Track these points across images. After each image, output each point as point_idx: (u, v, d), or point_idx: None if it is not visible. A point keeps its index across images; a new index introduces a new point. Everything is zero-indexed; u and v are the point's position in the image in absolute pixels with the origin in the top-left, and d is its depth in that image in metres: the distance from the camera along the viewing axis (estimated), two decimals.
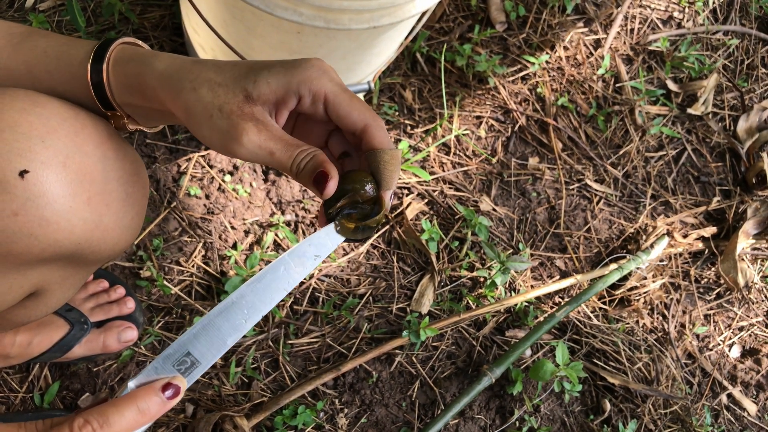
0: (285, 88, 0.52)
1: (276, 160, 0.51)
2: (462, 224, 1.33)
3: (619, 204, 1.46)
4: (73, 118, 0.52)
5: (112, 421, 0.45)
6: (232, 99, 0.51)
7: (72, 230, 0.52)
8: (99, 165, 0.53)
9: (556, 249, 1.39)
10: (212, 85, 0.51)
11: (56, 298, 0.62)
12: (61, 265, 0.56)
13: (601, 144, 1.50)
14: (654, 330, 1.38)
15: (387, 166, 0.54)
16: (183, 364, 0.50)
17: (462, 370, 1.25)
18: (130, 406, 0.46)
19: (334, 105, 0.53)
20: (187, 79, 0.52)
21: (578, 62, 1.55)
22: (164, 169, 1.24)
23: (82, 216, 0.52)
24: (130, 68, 0.55)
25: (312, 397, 1.16)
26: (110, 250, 0.57)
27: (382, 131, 0.54)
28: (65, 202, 0.50)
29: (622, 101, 1.53)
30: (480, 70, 1.43)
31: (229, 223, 1.23)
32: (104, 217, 0.54)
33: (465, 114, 1.44)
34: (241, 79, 0.52)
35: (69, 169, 0.51)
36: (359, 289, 1.25)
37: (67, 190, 0.50)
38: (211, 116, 0.51)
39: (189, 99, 0.51)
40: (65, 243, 0.52)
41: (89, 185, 0.52)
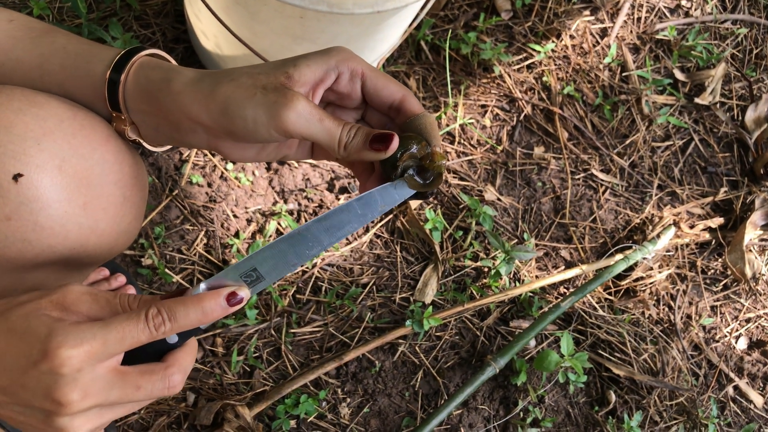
0: (324, 67, 0.53)
1: (326, 127, 0.51)
2: (466, 214, 1.32)
3: (625, 194, 1.45)
4: (71, 119, 0.50)
5: (178, 316, 0.47)
6: (275, 79, 0.52)
7: (67, 236, 0.50)
8: (96, 168, 0.52)
9: (561, 239, 1.38)
10: (252, 74, 0.52)
11: None
12: (56, 268, 0.55)
13: (607, 133, 1.48)
14: (660, 321, 1.36)
15: (431, 128, 0.57)
16: (249, 276, 0.52)
17: (465, 360, 1.24)
18: (195, 306, 0.47)
19: (372, 80, 0.55)
20: (222, 75, 0.53)
21: (584, 51, 1.53)
22: (166, 157, 1.23)
23: (78, 221, 0.51)
24: (155, 74, 0.55)
25: (314, 387, 1.15)
26: (107, 254, 0.56)
27: (417, 100, 0.57)
28: (60, 207, 0.49)
29: (629, 90, 1.51)
30: (485, 58, 1.41)
31: (231, 212, 1.22)
32: (100, 222, 0.53)
33: (470, 103, 1.43)
34: (280, 66, 0.53)
35: (65, 173, 0.49)
36: (362, 279, 1.24)
37: (63, 194, 0.49)
38: (255, 95, 0.51)
39: (227, 88, 0.51)
40: (60, 248, 0.51)
41: (86, 189, 0.51)
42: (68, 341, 0.44)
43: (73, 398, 0.44)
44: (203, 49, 1.24)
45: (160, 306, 0.47)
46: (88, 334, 0.44)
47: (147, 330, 0.46)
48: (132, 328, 0.46)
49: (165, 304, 0.47)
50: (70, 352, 0.43)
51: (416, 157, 0.56)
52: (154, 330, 0.46)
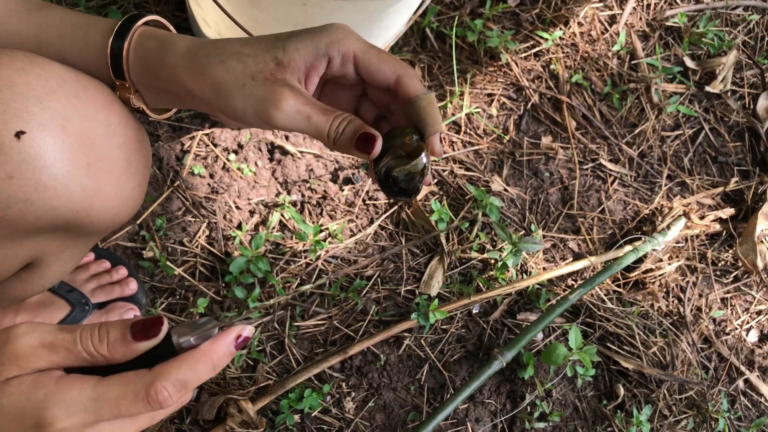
0: (314, 52, 0.52)
1: (313, 124, 0.50)
2: (472, 205, 1.29)
3: (634, 184, 1.42)
4: (73, 80, 0.49)
5: (189, 384, 0.44)
6: (263, 67, 0.50)
7: (70, 197, 0.49)
8: (100, 129, 0.50)
9: (569, 230, 1.36)
10: (241, 56, 0.51)
11: (54, 270, 0.59)
12: (58, 234, 0.53)
13: (616, 123, 1.45)
14: (669, 314, 1.34)
15: (428, 111, 0.54)
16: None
17: (472, 353, 1.22)
18: (206, 364, 0.44)
19: (364, 61, 0.53)
20: (213, 54, 0.51)
21: (593, 38, 1.51)
22: (167, 148, 1.21)
23: (81, 182, 0.49)
24: (150, 44, 0.54)
25: (318, 381, 1.13)
26: (110, 221, 0.54)
27: (415, 79, 0.53)
28: (63, 167, 0.48)
29: (638, 79, 1.48)
30: (492, 45, 1.39)
31: (233, 203, 1.20)
32: (104, 185, 0.51)
33: (476, 91, 1.40)
34: (269, 48, 0.51)
35: (68, 132, 0.48)
36: (367, 271, 1.22)
37: (66, 153, 0.48)
38: (244, 85, 0.50)
39: (217, 72, 0.51)
40: (62, 210, 0.49)
41: (89, 150, 0.49)
42: (60, 415, 0.42)
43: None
44: (204, 36, 1.22)
45: (165, 382, 0.43)
46: (78, 405, 0.42)
47: (149, 408, 0.43)
48: (130, 406, 0.43)
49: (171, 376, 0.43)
50: (64, 425, 0.42)
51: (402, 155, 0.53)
52: (158, 407, 0.43)
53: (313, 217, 1.23)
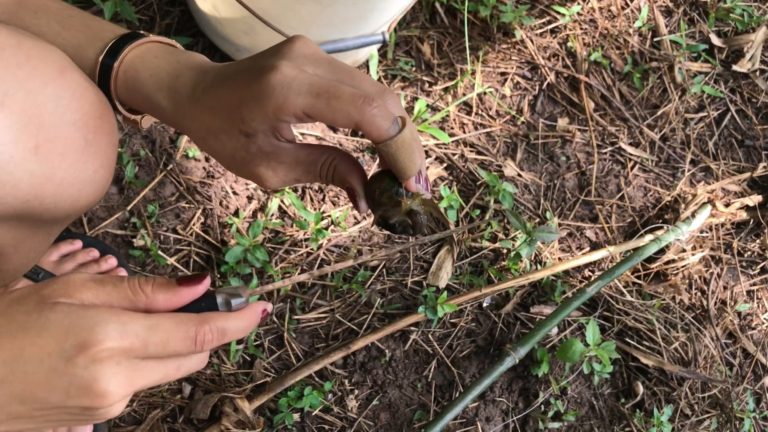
0: (268, 120, 0.48)
1: (305, 180, 0.52)
2: (484, 191, 1.22)
3: (656, 169, 1.34)
4: (14, 47, 0.42)
5: (228, 334, 0.45)
6: (237, 144, 0.49)
7: (16, 185, 0.42)
8: (49, 106, 0.43)
9: (586, 218, 1.28)
10: (216, 134, 0.50)
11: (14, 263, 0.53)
12: (12, 225, 0.47)
13: (636, 104, 1.37)
14: (692, 307, 1.27)
15: (396, 158, 0.49)
16: None
17: (482, 349, 1.16)
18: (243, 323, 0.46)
19: (316, 117, 0.47)
20: (194, 129, 0.51)
21: (612, 14, 1.42)
22: (160, 129, 1.14)
23: (29, 168, 0.42)
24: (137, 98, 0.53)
25: (319, 378, 1.07)
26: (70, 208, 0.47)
27: (375, 123, 0.46)
28: (6, 152, 0.41)
29: (661, 57, 1.40)
30: (506, 21, 1.30)
31: (230, 188, 1.13)
32: (58, 169, 0.44)
33: (488, 70, 1.32)
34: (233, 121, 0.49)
35: (9, 109, 0.41)
36: (371, 261, 1.15)
37: (7, 135, 0.41)
38: (230, 165, 0.51)
39: (205, 148, 0.52)
40: (9, 200, 0.43)
41: (36, 130, 0.42)
42: (112, 334, 0.40)
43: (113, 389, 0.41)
44: (200, 12, 1.14)
45: (212, 325, 0.44)
46: (131, 329, 0.41)
47: (193, 347, 0.43)
48: (178, 342, 0.43)
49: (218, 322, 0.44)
50: (112, 345, 0.40)
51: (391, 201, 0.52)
52: (200, 347, 0.43)
53: (315, 204, 1.16)
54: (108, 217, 1.07)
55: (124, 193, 1.09)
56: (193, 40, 1.18)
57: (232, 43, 1.15)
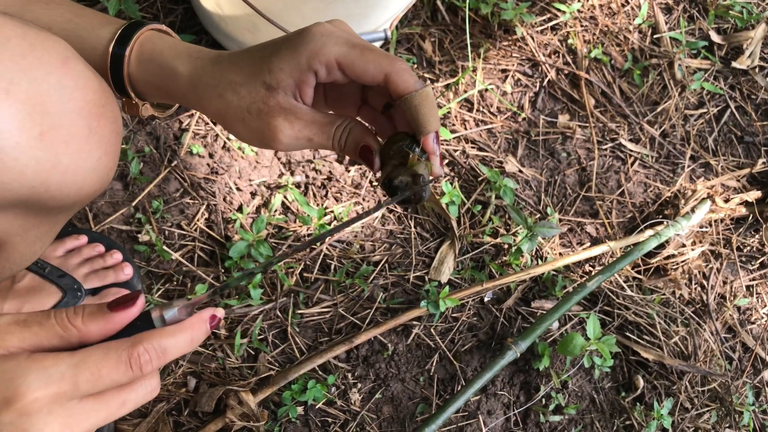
0: (298, 69, 0.52)
1: (316, 144, 0.52)
2: (485, 187, 1.23)
3: (656, 165, 1.35)
4: (19, 38, 0.42)
5: (169, 353, 0.42)
6: (255, 96, 0.52)
7: (22, 171, 0.43)
8: (53, 94, 0.44)
9: (586, 214, 1.29)
10: (235, 87, 0.53)
11: (20, 252, 0.54)
12: (17, 213, 0.48)
13: (636, 100, 1.38)
14: (692, 302, 1.28)
15: (419, 110, 0.52)
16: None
17: (484, 343, 1.17)
18: (185, 337, 0.43)
19: (348, 66, 0.52)
20: (211, 85, 0.54)
21: (613, 11, 1.43)
22: (164, 126, 1.15)
23: (34, 154, 0.43)
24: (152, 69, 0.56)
25: (323, 371, 1.08)
26: (75, 196, 0.48)
27: (403, 75, 0.52)
28: (10, 137, 0.41)
29: (661, 54, 1.41)
30: (507, 18, 1.31)
31: (234, 184, 1.14)
32: (62, 156, 0.45)
33: (489, 67, 1.33)
34: (258, 73, 0.53)
35: (14, 97, 0.41)
36: (374, 256, 1.16)
37: (12, 123, 0.41)
38: (243, 119, 0.52)
39: (218, 106, 0.53)
40: (15, 186, 0.43)
41: (41, 118, 0.43)
42: (33, 385, 0.38)
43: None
44: (203, 9, 1.15)
45: (147, 345, 0.42)
46: (55, 372, 0.39)
47: (131, 372, 0.41)
48: (111, 371, 0.40)
49: (153, 341, 0.42)
50: (37, 395, 0.38)
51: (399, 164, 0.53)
52: (139, 371, 0.41)
53: (318, 200, 1.17)
54: (113, 213, 1.08)
55: (128, 189, 1.10)
56: (197, 38, 1.19)
57: (236, 40, 1.16)
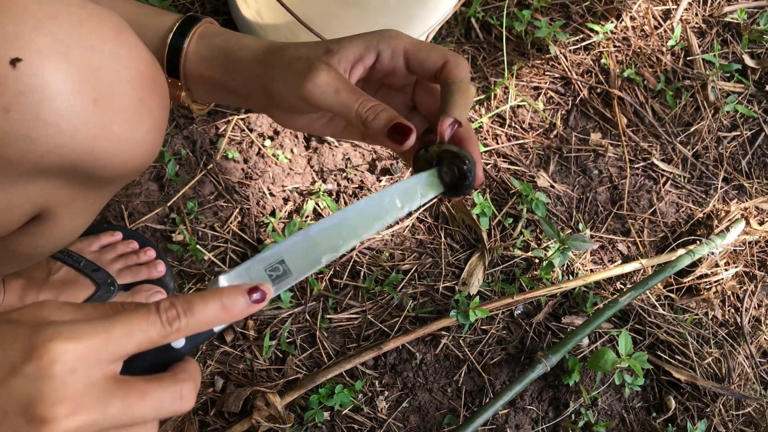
0: (365, 44, 0.54)
1: (341, 99, 0.51)
2: (517, 200, 1.23)
3: (688, 186, 1.34)
4: (78, 6, 0.43)
5: (195, 310, 0.40)
6: (313, 51, 0.54)
7: (74, 135, 0.43)
8: (107, 62, 0.44)
9: (618, 231, 1.28)
10: (298, 47, 0.55)
11: (64, 224, 0.54)
12: (65, 181, 0.48)
13: (669, 121, 1.38)
14: (725, 323, 1.25)
15: (455, 96, 0.53)
16: (275, 270, 0.47)
17: (513, 357, 1.15)
18: (215, 300, 0.41)
19: (414, 53, 0.54)
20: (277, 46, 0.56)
21: (646, 33, 1.44)
22: (201, 131, 1.17)
23: (87, 119, 0.43)
24: (217, 41, 0.58)
25: (350, 377, 1.07)
26: (121, 167, 0.48)
27: (461, 65, 0.53)
28: (66, 100, 0.42)
29: (694, 76, 1.41)
30: (540, 36, 1.32)
31: (267, 190, 1.16)
32: (113, 124, 0.45)
33: (522, 84, 1.34)
34: (326, 42, 0.55)
35: (70, 62, 0.42)
36: (404, 265, 1.16)
37: (68, 86, 0.42)
38: (291, 63, 0.53)
39: (273, 59, 0.55)
40: (66, 150, 0.44)
41: (95, 83, 0.43)
42: (62, 333, 0.36)
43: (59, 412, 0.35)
44: (243, 19, 1.18)
45: (173, 299, 0.40)
46: (86, 327, 0.37)
47: (159, 324, 0.39)
48: (141, 320, 0.38)
49: (179, 297, 0.41)
50: (65, 346, 0.35)
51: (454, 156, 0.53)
52: (168, 324, 0.39)
53: None
54: (148, 212, 1.10)
55: (164, 190, 1.12)
56: None
57: None
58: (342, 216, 0.49)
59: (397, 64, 0.55)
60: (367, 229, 0.50)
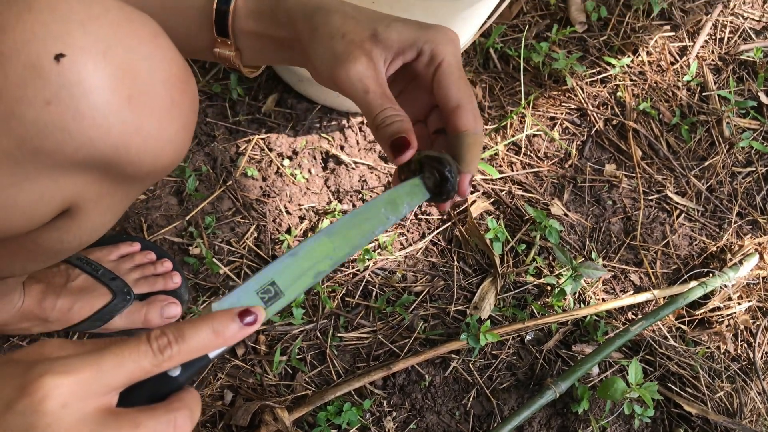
0: (411, 39, 0.53)
1: (367, 100, 0.52)
2: (530, 227, 1.24)
3: (701, 219, 1.35)
4: (117, 9, 0.46)
5: (187, 336, 0.42)
6: (358, 31, 0.53)
7: (109, 129, 0.46)
8: (143, 63, 0.47)
9: (630, 262, 1.28)
10: (346, 16, 0.54)
11: (92, 220, 0.56)
12: (96, 176, 0.50)
13: (684, 155, 1.39)
14: (738, 358, 1.24)
15: (470, 149, 0.54)
16: (267, 292, 0.48)
17: (522, 382, 1.15)
18: (206, 325, 0.43)
19: (443, 74, 0.54)
20: (325, 4, 0.55)
21: (662, 68, 1.46)
22: (222, 149, 1.20)
23: (121, 115, 0.46)
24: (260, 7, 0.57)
25: (359, 396, 1.07)
26: (151, 165, 0.51)
27: (471, 115, 0.54)
28: (103, 96, 0.45)
29: (709, 111, 1.42)
30: (558, 68, 1.35)
31: (284, 208, 1.18)
32: (146, 122, 0.48)
33: (538, 114, 1.36)
34: (375, 20, 0.54)
35: (109, 60, 0.45)
36: (416, 287, 1.17)
37: (106, 82, 0.45)
38: (333, 38, 0.53)
39: (320, 20, 0.54)
40: (101, 144, 0.46)
41: (131, 82, 0.46)
42: (54, 368, 0.37)
43: None
44: None
45: (163, 328, 0.42)
46: (77, 361, 0.38)
47: (150, 352, 0.40)
48: (132, 350, 0.40)
49: (170, 325, 0.42)
50: (57, 381, 0.37)
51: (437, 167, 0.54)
52: (159, 353, 0.40)
53: None
54: (167, 225, 1.12)
55: (183, 204, 1.14)
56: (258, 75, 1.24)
57: (295, 73, 1.22)
58: (329, 232, 0.50)
59: (428, 72, 0.55)
60: (355, 245, 0.50)
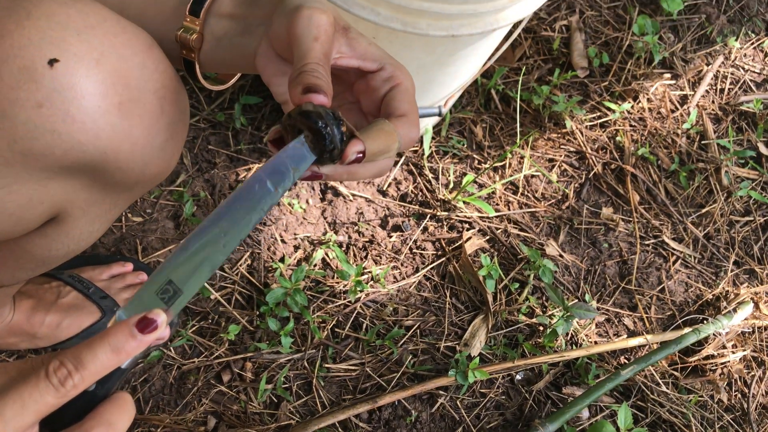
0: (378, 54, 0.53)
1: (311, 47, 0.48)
2: (524, 266, 1.24)
3: (698, 266, 1.34)
4: (114, 20, 0.48)
5: (86, 362, 0.40)
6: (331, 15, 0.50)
7: (98, 134, 0.47)
8: (135, 72, 0.49)
9: (625, 306, 1.28)
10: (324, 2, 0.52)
11: (80, 228, 0.57)
12: (85, 182, 0.51)
13: (681, 201, 1.39)
14: (731, 408, 1.22)
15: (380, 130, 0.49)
16: (166, 292, 0.45)
17: (511, 423, 1.13)
18: (102, 345, 0.40)
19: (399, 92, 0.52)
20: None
21: (662, 115, 1.47)
22: (222, 176, 1.21)
23: (111, 120, 0.47)
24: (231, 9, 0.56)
25: (343, 429, 1.06)
26: (139, 173, 0.52)
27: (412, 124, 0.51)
28: (94, 101, 0.46)
29: (708, 159, 1.43)
30: (557, 111, 1.37)
31: (279, 236, 1.18)
32: (135, 128, 0.49)
33: (537, 155, 1.37)
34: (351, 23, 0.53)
35: (102, 67, 0.47)
36: (407, 321, 1.17)
37: (98, 88, 0.46)
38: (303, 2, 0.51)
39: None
40: (90, 148, 0.47)
41: (122, 89, 0.48)
42: None
43: None
44: None
45: (61, 357, 0.40)
46: None
47: (51, 388, 0.39)
48: (32, 391, 0.39)
49: (67, 353, 0.40)
50: None
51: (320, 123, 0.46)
52: (61, 386, 0.39)
53: (358, 260, 1.19)
54: (162, 248, 1.13)
55: (179, 229, 1.15)
56: (262, 102, 1.27)
57: None
58: (215, 219, 0.46)
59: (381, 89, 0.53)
60: (245, 226, 0.47)
